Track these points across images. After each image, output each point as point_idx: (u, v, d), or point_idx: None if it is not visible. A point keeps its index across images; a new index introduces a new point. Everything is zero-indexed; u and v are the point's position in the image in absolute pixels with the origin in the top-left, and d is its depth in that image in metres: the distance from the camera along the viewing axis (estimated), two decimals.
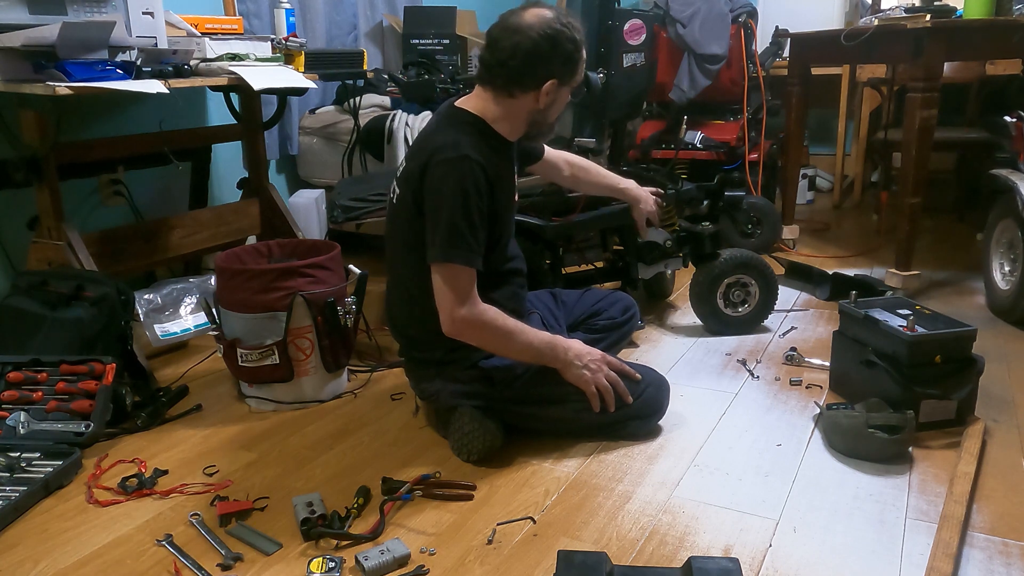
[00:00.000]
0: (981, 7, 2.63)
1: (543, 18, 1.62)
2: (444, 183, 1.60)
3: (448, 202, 1.60)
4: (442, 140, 1.64)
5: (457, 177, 1.59)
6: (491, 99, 1.69)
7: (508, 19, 1.64)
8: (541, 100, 1.67)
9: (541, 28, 1.60)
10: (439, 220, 1.61)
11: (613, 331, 2.05)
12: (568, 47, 1.64)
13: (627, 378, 1.77)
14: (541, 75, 1.64)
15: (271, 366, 1.95)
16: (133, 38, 2.09)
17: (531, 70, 1.63)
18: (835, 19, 4.12)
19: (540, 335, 1.73)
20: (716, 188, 2.54)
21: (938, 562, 1.32)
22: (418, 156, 1.66)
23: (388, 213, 1.81)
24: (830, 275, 2.80)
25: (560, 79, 1.66)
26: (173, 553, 1.41)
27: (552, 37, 1.61)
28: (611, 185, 2.15)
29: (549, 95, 1.67)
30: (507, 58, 1.62)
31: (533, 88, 1.65)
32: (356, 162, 3.13)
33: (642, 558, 1.39)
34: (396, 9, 3.83)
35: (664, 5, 3.40)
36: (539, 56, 1.61)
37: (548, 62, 1.63)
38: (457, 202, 1.59)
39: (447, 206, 1.60)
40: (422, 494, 1.58)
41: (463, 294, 1.62)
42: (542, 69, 1.63)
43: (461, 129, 1.67)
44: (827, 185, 4.64)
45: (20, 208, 2.35)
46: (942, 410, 1.80)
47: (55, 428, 1.81)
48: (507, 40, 1.61)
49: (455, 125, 1.68)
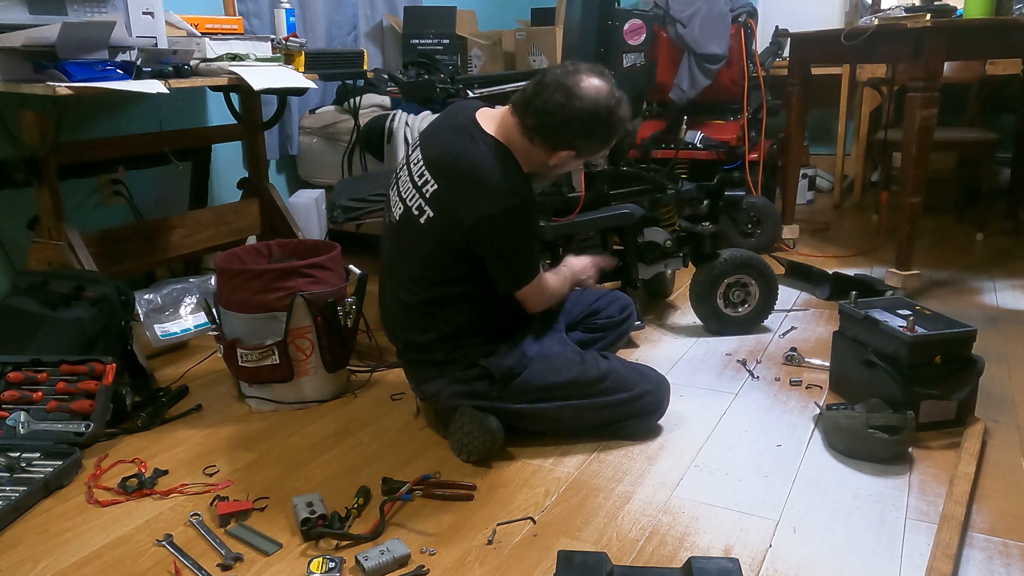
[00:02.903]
0: (981, 7, 2.63)
1: (600, 92, 1.62)
2: (513, 232, 1.66)
3: (520, 244, 1.69)
4: (502, 187, 1.62)
5: (525, 223, 1.68)
6: (517, 131, 1.67)
7: (570, 76, 1.62)
8: (552, 160, 1.69)
9: (592, 103, 1.60)
10: (513, 260, 1.70)
11: (611, 330, 2.05)
12: (605, 132, 1.66)
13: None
14: (566, 142, 1.66)
15: (271, 366, 1.95)
16: (133, 38, 2.09)
17: (559, 134, 1.64)
18: (835, 19, 4.12)
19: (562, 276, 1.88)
20: (716, 188, 2.54)
21: (938, 562, 1.32)
22: (473, 196, 1.63)
23: (401, 224, 1.76)
24: (830, 275, 2.80)
25: (579, 153, 1.69)
26: (173, 553, 1.41)
27: (595, 115, 1.62)
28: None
29: (562, 161, 1.69)
30: (547, 111, 1.61)
31: (551, 147, 1.66)
32: (356, 162, 3.13)
33: (642, 558, 1.39)
34: (396, 9, 3.83)
35: (664, 5, 3.40)
36: (572, 128, 1.63)
37: (577, 136, 1.65)
38: (528, 240, 1.71)
39: (519, 248, 1.69)
40: (422, 494, 1.59)
41: (544, 289, 1.78)
42: (568, 138, 1.65)
43: (507, 168, 1.65)
44: (827, 185, 4.64)
45: (20, 208, 2.35)
46: (942, 410, 1.80)
47: (55, 428, 1.81)
48: (557, 96, 1.60)
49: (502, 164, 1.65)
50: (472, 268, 1.69)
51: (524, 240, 1.69)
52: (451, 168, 1.67)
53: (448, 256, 1.68)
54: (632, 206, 2.36)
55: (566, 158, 1.68)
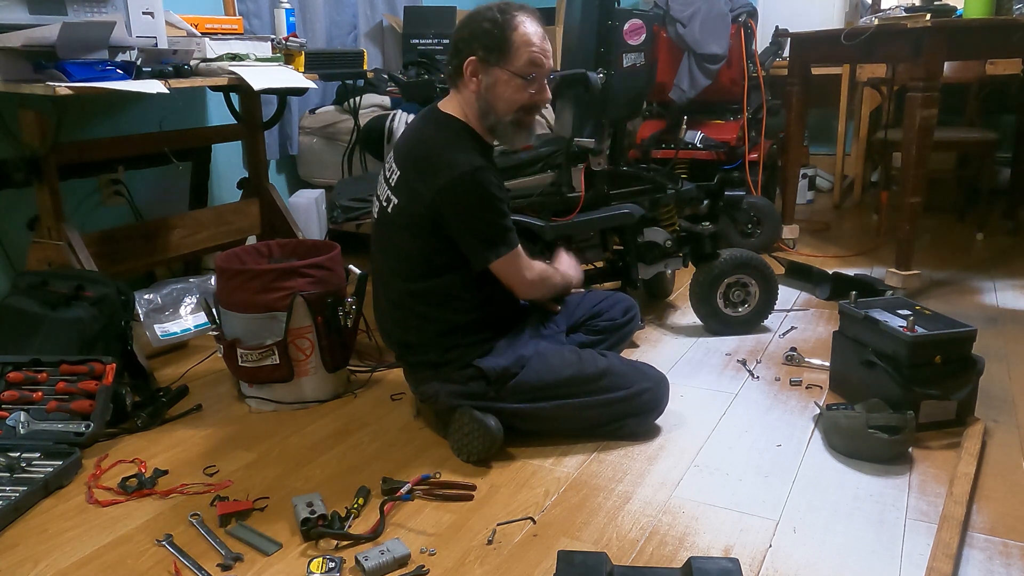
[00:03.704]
0: (981, 7, 2.63)
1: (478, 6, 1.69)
2: (469, 199, 1.65)
3: (479, 212, 1.67)
4: (448, 159, 1.65)
5: (480, 188, 1.65)
6: (453, 95, 1.75)
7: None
8: (471, 83, 1.69)
9: (468, 14, 1.69)
10: (477, 230, 1.68)
11: (613, 332, 2.05)
12: (484, 25, 1.66)
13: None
14: (462, 55, 1.68)
15: (271, 366, 1.95)
16: (133, 38, 2.09)
17: (455, 53, 1.69)
18: (835, 19, 4.12)
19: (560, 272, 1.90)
20: (716, 188, 2.54)
21: (938, 562, 1.32)
22: (427, 174, 1.66)
23: (378, 220, 1.81)
24: (830, 275, 2.80)
25: (479, 56, 1.66)
26: (173, 553, 1.41)
27: (470, 17, 1.68)
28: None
29: (477, 76, 1.68)
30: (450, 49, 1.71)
31: (461, 72, 1.69)
32: (356, 162, 3.13)
33: (642, 558, 1.39)
34: (396, 9, 3.83)
35: (664, 5, 3.40)
36: (459, 38, 1.68)
37: (466, 41, 1.68)
38: (487, 207, 1.67)
39: (480, 215, 1.67)
40: (422, 494, 1.58)
41: (524, 268, 1.76)
42: (462, 49, 1.68)
43: (455, 139, 1.69)
44: (827, 185, 4.64)
45: (20, 208, 2.35)
46: (942, 410, 1.80)
47: (55, 428, 1.81)
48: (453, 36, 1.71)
49: (449, 137, 1.70)
50: (450, 258, 1.71)
51: (484, 207, 1.67)
52: (409, 153, 1.73)
53: (422, 243, 1.70)
54: (632, 206, 2.36)
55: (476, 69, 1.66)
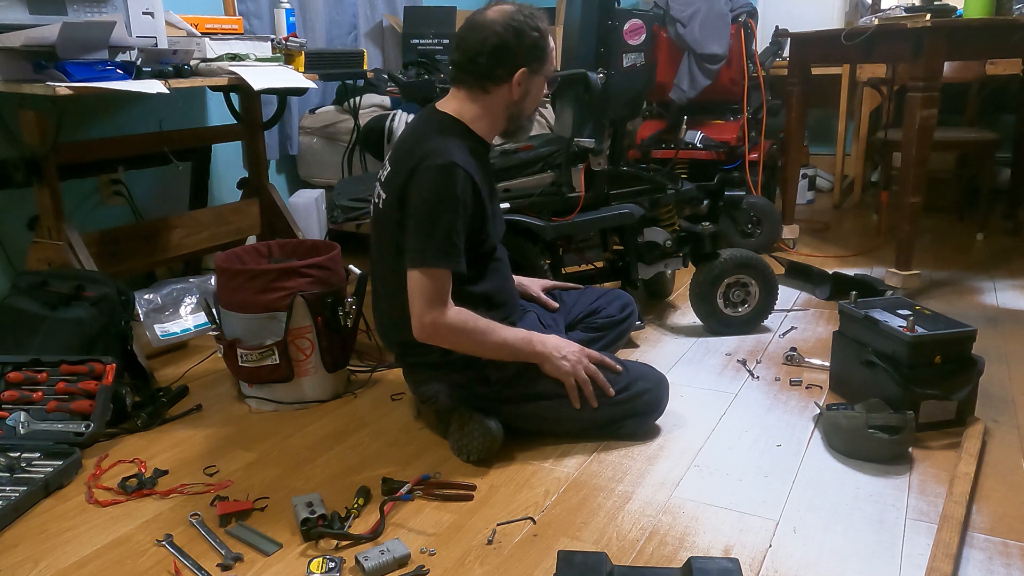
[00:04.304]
0: (981, 7, 2.63)
1: (505, 13, 1.67)
2: (429, 188, 1.60)
3: (431, 208, 1.60)
4: (429, 146, 1.64)
5: (444, 184, 1.60)
6: (466, 98, 1.72)
7: (472, 18, 1.70)
8: (515, 91, 1.70)
9: (504, 22, 1.66)
10: (420, 225, 1.61)
11: (611, 329, 2.05)
12: (533, 35, 1.68)
13: (608, 370, 1.76)
14: (511, 65, 1.68)
15: (271, 366, 1.95)
16: (133, 38, 2.09)
17: (501, 62, 1.67)
18: (835, 19, 4.12)
19: (514, 331, 1.73)
20: (716, 188, 2.54)
21: (938, 562, 1.32)
22: (404, 161, 1.66)
23: (373, 219, 1.81)
24: (830, 275, 2.80)
25: (530, 67, 1.69)
26: (173, 553, 1.41)
27: (516, 28, 1.66)
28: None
29: (522, 85, 1.70)
30: (476, 54, 1.66)
31: (505, 80, 1.69)
32: (356, 162, 3.13)
33: (642, 558, 1.39)
34: (396, 9, 3.83)
35: (664, 5, 3.40)
36: (506, 47, 1.66)
37: (515, 52, 1.67)
38: (441, 208, 1.60)
39: (429, 212, 1.60)
40: (422, 494, 1.58)
41: (436, 297, 1.62)
42: (511, 59, 1.67)
43: (446, 134, 1.68)
44: (827, 185, 4.64)
45: (20, 208, 2.35)
46: (942, 411, 1.80)
47: (55, 428, 1.81)
48: (473, 37, 1.67)
49: (440, 130, 1.69)
50: None
51: (438, 204, 1.60)
52: (401, 149, 1.73)
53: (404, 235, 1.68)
54: (632, 206, 2.37)
55: (524, 80, 1.69)
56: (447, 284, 1.63)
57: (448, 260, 1.62)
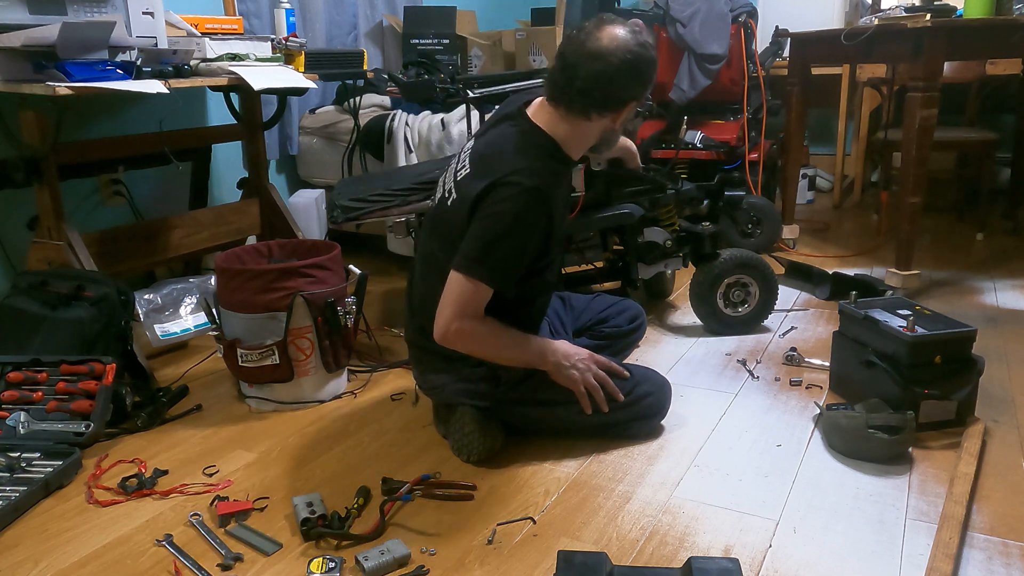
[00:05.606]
0: (981, 7, 2.63)
1: (621, 41, 1.56)
2: (507, 208, 1.54)
3: (504, 227, 1.55)
4: (518, 162, 1.57)
5: (523, 208, 1.55)
6: (562, 119, 1.63)
7: (585, 43, 1.57)
8: (617, 121, 1.66)
9: (622, 54, 1.56)
10: (484, 235, 1.56)
11: (618, 340, 2.04)
12: (648, 71, 1.62)
13: (616, 376, 1.76)
14: (623, 100, 1.63)
15: (271, 366, 1.95)
16: (133, 38, 2.09)
17: (614, 97, 1.61)
18: (835, 19, 4.12)
19: (527, 339, 1.71)
20: (716, 188, 2.54)
21: (938, 562, 1.32)
22: (488, 169, 1.59)
23: (436, 207, 1.76)
24: (830, 275, 2.80)
25: (639, 100, 1.66)
26: (173, 553, 1.41)
27: (633, 63, 1.57)
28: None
29: (628, 115, 1.67)
30: (590, 86, 1.57)
31: (613, 111, 1.64)
32: (356, 162, 3.13)
33: (642, 558, 1.39)
34: (396, 9, 3.83)
35: (664, 5, 3.40)
36: (622, 84, 1.59)
37: (630, 87, 1.61)
38: (513, 230, 1.56)
39: (500, 229, 1.55)
40: (422, 494, 1.58)
41: (471, 308, 1.59)
42: (625, 94, 1.62)
43: (537, 151, 1.61)
44: (827, 185, 4.64)
45: (20, 208, 2.35)
46: (942, 411, 1.80)
47: (55, 428, 1.81)
48: (587, 67, 1.56)
49: (531, 145, 1.62)
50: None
51: (507, 225, 1.55)
52: (484, 153, 1.66)
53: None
54: (632, 206, 2.37)
55: (631, 110, 1.66)
56: (485, 299, 1.60)
57: (496, 280, 1.58)
